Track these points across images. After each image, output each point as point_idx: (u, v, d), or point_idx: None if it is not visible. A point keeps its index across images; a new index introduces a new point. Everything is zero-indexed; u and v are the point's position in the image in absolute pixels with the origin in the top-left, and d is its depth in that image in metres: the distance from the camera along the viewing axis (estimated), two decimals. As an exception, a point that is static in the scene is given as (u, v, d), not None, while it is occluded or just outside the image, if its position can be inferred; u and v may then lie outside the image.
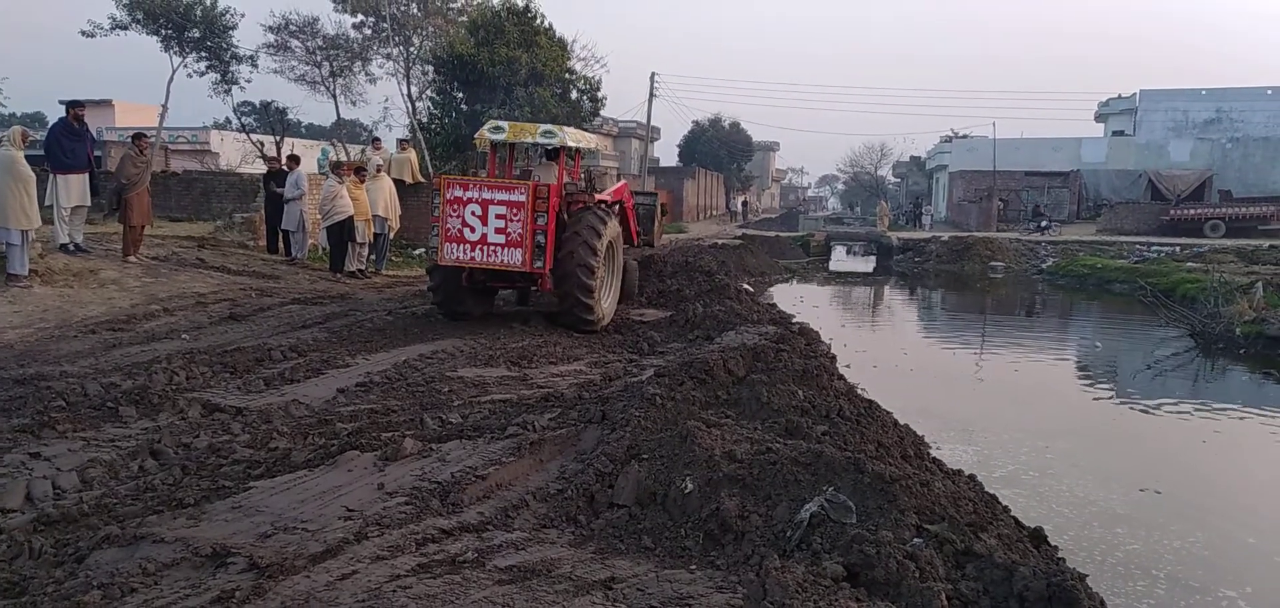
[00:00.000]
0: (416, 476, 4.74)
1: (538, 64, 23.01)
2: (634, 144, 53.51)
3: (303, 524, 4.06)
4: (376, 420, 5.94)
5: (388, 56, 27.59)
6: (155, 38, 25.82)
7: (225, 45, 27.12)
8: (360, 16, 27.10)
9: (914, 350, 14.30)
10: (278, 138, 32.92)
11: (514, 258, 9.53)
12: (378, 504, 4.34)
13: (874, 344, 14.56)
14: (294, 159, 14.99)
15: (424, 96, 26.72)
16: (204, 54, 26.94)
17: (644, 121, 42.10)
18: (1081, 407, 10.69)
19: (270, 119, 33.67)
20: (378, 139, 19.85)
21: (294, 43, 28.20)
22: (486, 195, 9.51)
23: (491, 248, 9.52)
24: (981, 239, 29.74)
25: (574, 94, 25.26)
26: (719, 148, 58.77)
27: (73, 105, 11.19)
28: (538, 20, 24.05)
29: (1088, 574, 4.10)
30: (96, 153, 13.55)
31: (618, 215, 11.25)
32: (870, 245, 33.14)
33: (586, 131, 15.64)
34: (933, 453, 6.40)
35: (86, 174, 11.15)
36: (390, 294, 12.35)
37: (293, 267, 13.91)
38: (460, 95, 23.93)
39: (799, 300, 19.13)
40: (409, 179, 17.16)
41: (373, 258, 14.51)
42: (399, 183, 15.96)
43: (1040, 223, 35.79)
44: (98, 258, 11.40)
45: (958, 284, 25.04)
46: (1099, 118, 49.43)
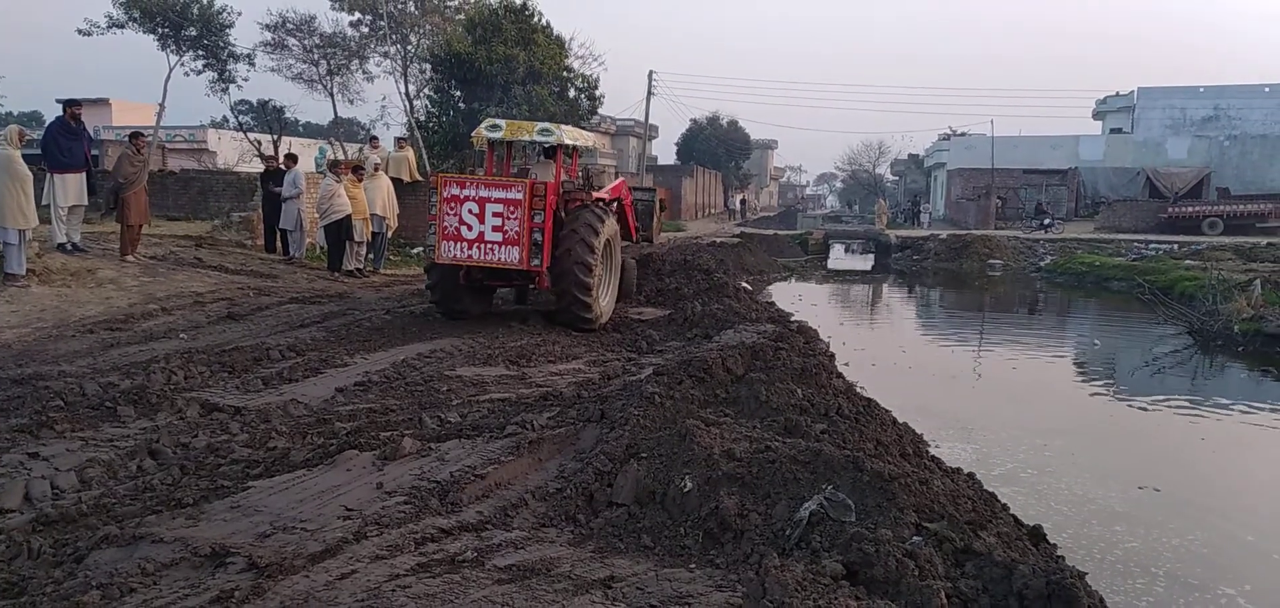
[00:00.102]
0: (415, 475, 4.74)
1: (535, 62, 22.99)
2: (632, 142, 53.54)
3: (301, 524, 4.05)
4: (375, 420, 5.93)
5: (385, 55, 27.58)
6: (152, 36, 25.79)
7: (222, 44, 27.10)
8: (357, 14, 27.08)
9: (912, 348, 14.30)
10: (275, 136, 32.87)
11: (511, 256, 9.52)
12: (377, 504, 4.33)
13: (872, 342, 14.57)
14: (292, 158, 14.98)
15: (422, 95, 26.72)
16: (201, 52, 26.91)
17: (642, 120, 42.10)
18: (1080, 405, 10.70)
19: (268, 118, 33.63)
20: (375, 137, 19.82)
21: (291, 41, 28.22)
22: (483, 193, 9.50)
23: (489, 246, 9.51)
24: (980, 237, 29.77)
25: (572, 92, 25.25)
26: (717, 146, 58.76)
27: (69, 104, 11.18)
28: (535, 18, 24.04)
29: (1087, 572, 4.10)
30: (94, 152, 13.55)
31: (615, 213, 11.25)
32: (868, 244, 33.15)
33: (584, 130, 15.63)
34: (931, 451, 6.41)
35: (84, 173, 11.14)
36: (388, 293, 12.34)
37: (290, 266, 13.90)
38: (458, 94, 23.92)
39: (797, 299, 19.13)
40: (407, 178, 17.14)
41: (371, 257, 14.50)
42: (397, 181, 15.95)
43: (1043, 221, 35.81)
44: (95, 257, 11.38)
45: (956, 282, 25.05)
46: (1097, 115, 49.48)
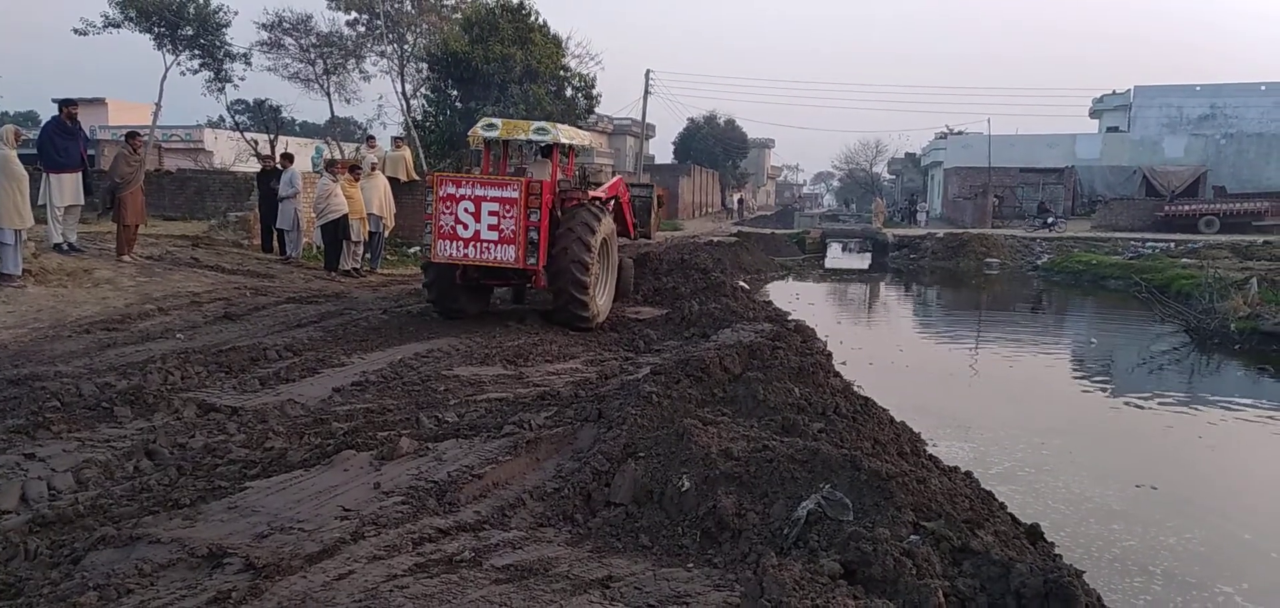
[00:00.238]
0: (413, 475, 4.73)
1: (532, 61, 22.95)
2: (629, 141, 53.48)
3: (299, 524, 4.04)
4: (372, 420, 5.93)
5: (382, 54, 27.50)
6: (148, 36, 25.71)
7: (218, 43, 27.02)
8: (354, 13, 26.98)
9: (910, 347, 14.31)
10: (272, 136, 32.80)
11: (507, 255, 9.52)
12: (374, 504, 4.33)
13: (870, 341, 14.59)
14: (288, 157, 14.95)
15: (418, 94, 26.64)
16: (197, 52, 26.83)
17: (639, 119, 42.07)
18: (1077, 403, 10.71)
19: (264, 117, 33.56)
20: (372, 137, 19.78)
21: (288, 40, 28.09)
22: (480, 192, 9.50)
23: (485, 245, 9.51)
24: (976, 235, 29.80)
25: (569, 91, 25.20)
26: (714, 145, 58.73)
27: (66, 104, 11.16)
28: (532, 17, 23.99)
29: (1084, 571, 4.11)
30: (90, 152, 13.53)
31: (612, 212, 11.24)
32: (866, 242, 33.15)
33: (581, 129, 15.62)
34: (929, 450, 6.42)
35: (80, 173, 11.12)
36: (385, 293, 12.33)
37: (287, 265, 13.89)
38: (455, 93, 23.87)
39: (795, 298, 19.13)
40: (404, 177, 17.13)
41: (368, 256, 14.49)
42: (394, 181, 15.94)
43: (1047, 220, 35.83)
44: (92, 257, 11.36)
45: (953, 281, 25.08)
46: (1093, 114, 49.52)
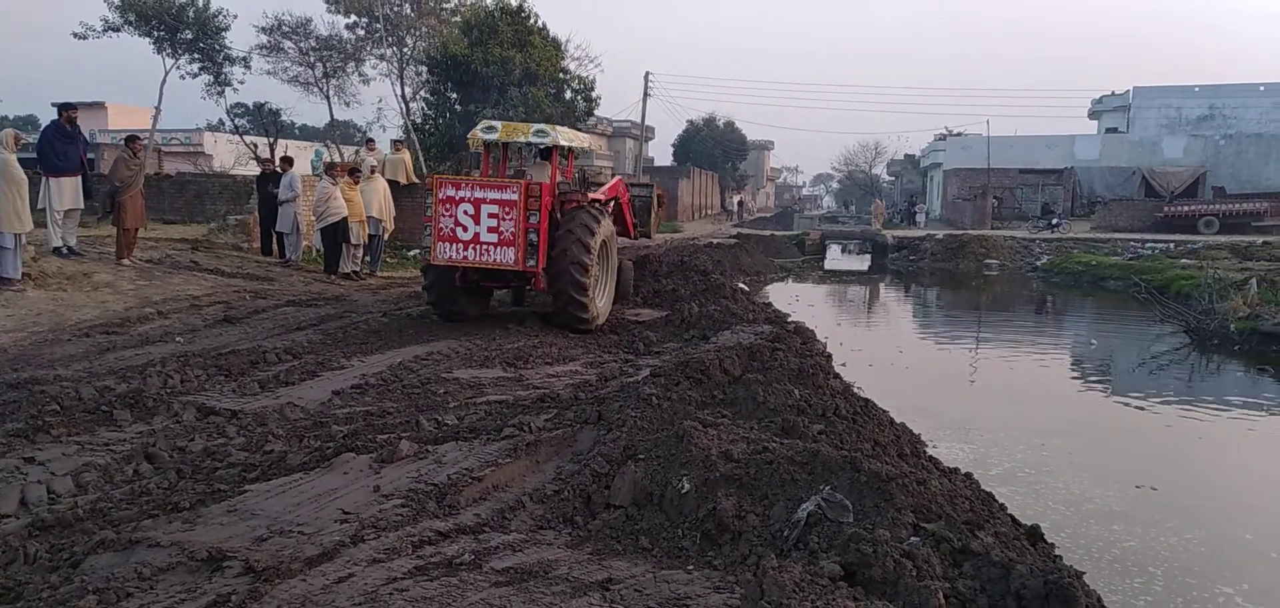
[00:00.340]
0: (413, 478, 4.73)
1: (531, 64, 22.97)
2: (629, 144, 53.50)
3: (299, 528, 4.04)
4: (372, 423, 5.93)
5: (381, 57, 27.52)
6: (148, 39, 25.69)
7: (218, 47, 27.00)
8: (353, 17, 27.02)
9: (909, 349, 14.31)
10: (271, 139, 32.82)
11: (506, 257, 9.52)
12: (374, 507, 4.32)
13: (870, 342, 14.58)
14: (288, 161, 14.97)
15: (418, 97, 26.66)
16: (197, 56, 26.81)
17: (639, 121, 42.10)
18: (1077, 404, 10.71)
19: (264, 121, 33.55)
20: (372, 140, 19.78)
21: (287, 44, 28.12)
22: (479, 195, 9.51)
23: (484, 247, 9.52)
24: (976, 237, 29.80)
25: (568, 94, 25.23)
26: (714, 147, 58.77)
27: (65, 107, 11.16)
28: (531, 20, 24.02)
29: (1085, 572, 4.11)
30: (89, 156, 13.51)
31: (613, 212, 11.25)
32: (865, 244, 33.16)
33: (580, 131, 15.63)
34: (929, 451, 6.41)
35: (79, 177, 11.12)
36: (385, 296, 12.34)
37: (287, 269, 13.89)
38: (454, 96, 23.88)
39: (794, 299, 19.12)
40: (403, 180, 17.13)
41: (367, 259, 14.49)
42: (393, 184, 15.95)
43: (1051, 221, 35.81)
44: (91, 261, 11.36)
45: (953, 282, 25.07)
46: (1092, 115, 49.59)
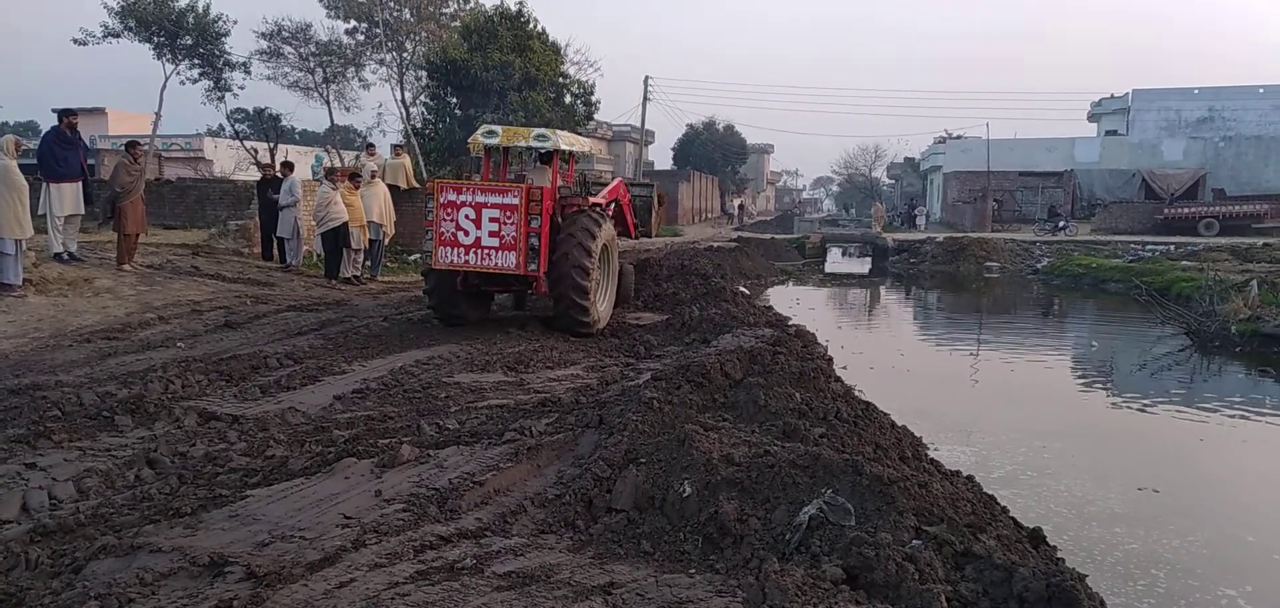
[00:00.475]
0: (414, 482, 4.73)
1: (531, 69, 23.01)
2: (629, 147, 53.52)
3: (300, 533, 4.04)
4: (373, 427, 5.93)
5: (381, 62, 27.57)
6: (148, 45, 25.71)
7: (218, 52, 27.01)
8: (353, 22, 27.08)
9: (911, 351, 14.31)
10: (271, 144, 32.84)
11: (507, 261, 9.53)
12: (375, 512, 4.32)
13: (871, 346, 14.57)
14: (288, 166, 14.99)
15: (418, 102, 26.71)
16: (197, 61, 26.83)
17: (638, 125, 42.14)
18: (1079, 406, 10.70)
19: (264, 126, 33.57)
20: (372, 145, 19.86)
21: (287, 49, 28.16)
22: (480, 199, 9.51)
23: (485, 251, 9.52)
24: (976, 240, 29.77)
25: (568, 98, 25.27)
26: (713, 151, 58.75)
27: (65, 113, 11.18)
28: (531, 25, 24.07)
29: (1087, 574, 4.09)
30: (90, 161, 13.53)
31: (613, 214, 11.25)
32: (865, 247, 33.18)
33: (580, 135, 15.65)
34: (931, 454, 6.40)
35: (80, 182, 11.15)
36: (386, 300, 12.34)
37: (288, 274, 13.90)
38: (454, 100, 23.92)
39: (795, 303, 19.12)
40: (403, 185, 17.15)
41: (368, 264, 14.50)
42: (393, 188, 15.96)
43: (1057, 223, 35.76)
44: (92, 267, 11.37)
45: (953, 285, 25.07)
46: (1092, 118, 49.61)
